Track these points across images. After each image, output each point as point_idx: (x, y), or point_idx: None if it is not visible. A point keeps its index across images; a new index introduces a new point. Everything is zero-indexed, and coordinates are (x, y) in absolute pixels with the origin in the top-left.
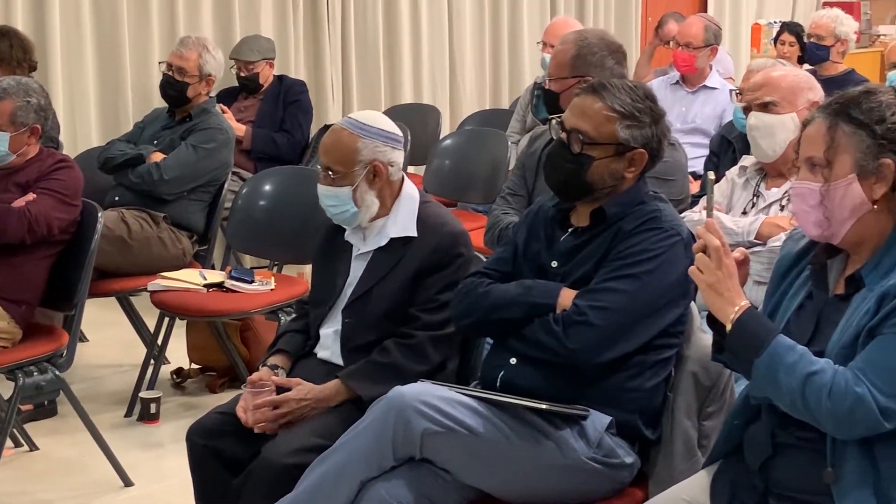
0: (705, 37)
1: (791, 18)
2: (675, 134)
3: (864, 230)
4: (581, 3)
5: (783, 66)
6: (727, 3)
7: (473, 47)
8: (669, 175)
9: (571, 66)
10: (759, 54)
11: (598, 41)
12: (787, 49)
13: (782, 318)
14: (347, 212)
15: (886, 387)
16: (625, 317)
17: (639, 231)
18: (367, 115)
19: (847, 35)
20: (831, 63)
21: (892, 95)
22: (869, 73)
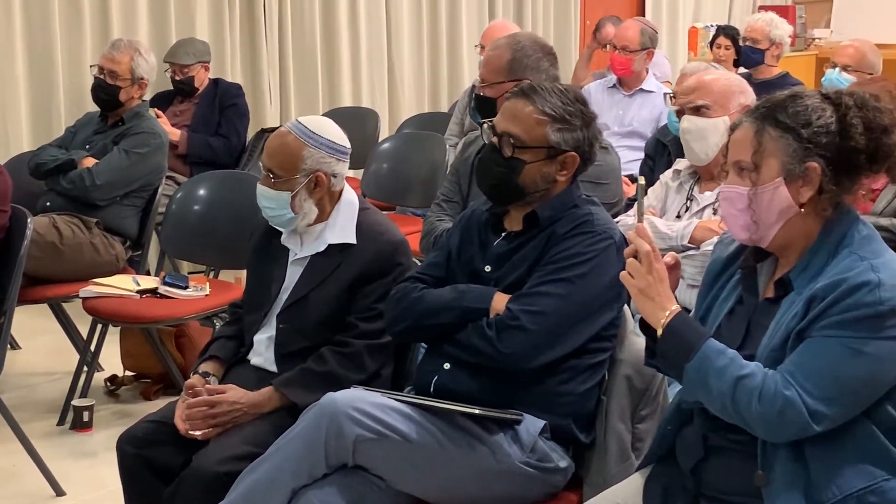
0: (641, 40)
1: (727, 22)
2: (611, 137)
3: (792, 233)
4: (520, 7)
5: (715, 70)
6: (664, 6)
7: (412, 50)
8: (603, 179)
9: (508, 70)
10: (697, 58)
11: (531, 44)
12: (722, 52)
13: (714, 323)
14: (283, 216)
15: (815, 389)
16: (558, 321)
17: (571, 235)
18: (318, 123)
19: (781, 38)
20: (766, 66)
21: (817, 99)
22: (804, 75)
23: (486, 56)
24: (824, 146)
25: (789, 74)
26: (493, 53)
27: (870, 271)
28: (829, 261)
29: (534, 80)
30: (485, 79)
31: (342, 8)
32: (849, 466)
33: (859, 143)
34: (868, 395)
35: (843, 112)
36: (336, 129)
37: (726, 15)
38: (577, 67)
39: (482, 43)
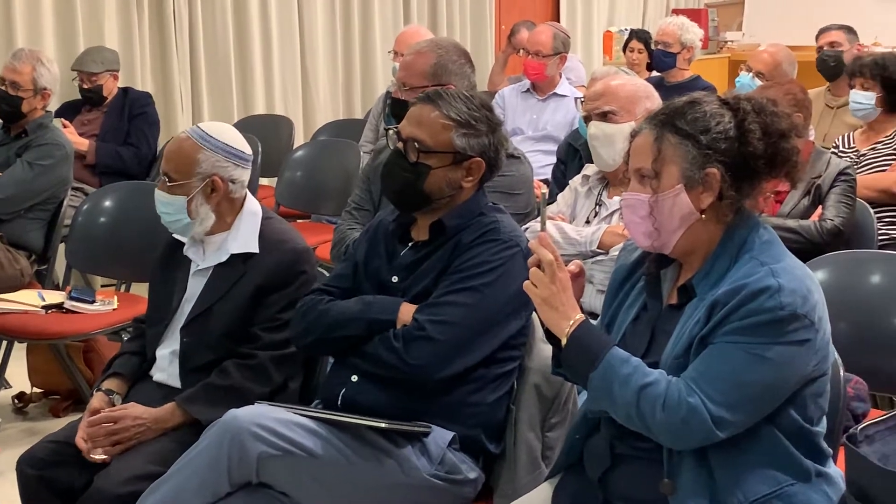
0: (554, 45)
1: (641, 26)
2: (525, 141)
3: (694, 240)
4: (434, 12)
5: (623, 76)
6: (579, 10)
7: (325, 56)
8: (515, 189)
9: (432, 75)
10: (612, 61)
11: (454, 48)
12: (635, 56)
13: (619, 330)
14: (180, 221)
15: (718, 396)
16: (465, 330)
17: (478, 243)
18: (216, 128)
19: (693, 42)
20: (678, 70)
21: (716, 105)
22: (718, 78)
23: (408, 60)
24: (723, 152)
25: (701, 78)
26: (416, 57)
27: (770, 276)
28: (730, 266)
29: (457, 85)
30: (406, 82)
31: (254, 14)
32: (753, 472)
33: (758, 149)
34: (770, 401)
35: (741, 118)
36: (236, 135)
37: (640, 19)
38: (493, 72)
39: (396, 49)
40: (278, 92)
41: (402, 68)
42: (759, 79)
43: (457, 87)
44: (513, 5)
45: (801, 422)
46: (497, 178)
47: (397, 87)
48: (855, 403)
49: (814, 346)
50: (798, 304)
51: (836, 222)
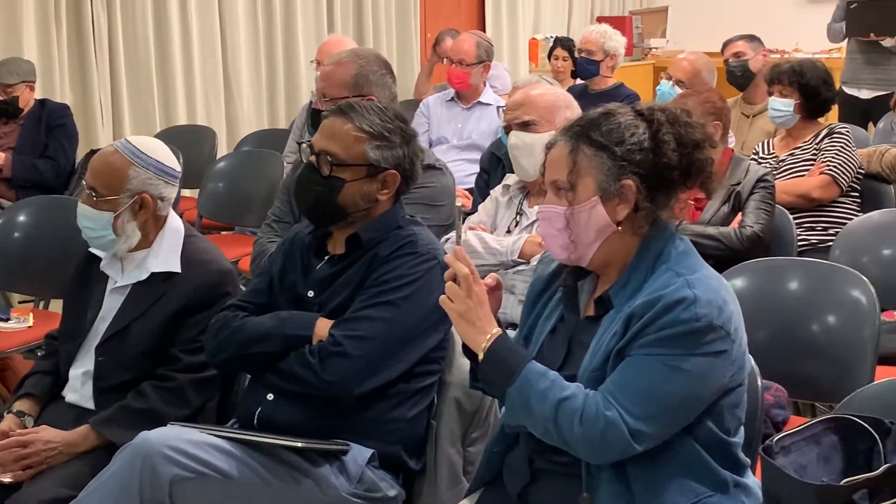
0: (477, 53)
1: (566, 33)
2: (450, 150)
3: (611, 252)
4: (359, 20)
5: (543, 85)
6: (504, 18)
7: (248, 66)
8: (437, 200)
9: (353, 86)
10: (538, 69)
11: (375, 59)
12: (560, 64)
13: (536, 343)
14: (104, 238)
15: (636, 409)
16: (383, 345)
17: (395, 257)
18: (147, 144)
19: (616, 50)
20: (602, 77)
21: (630, 116)
22: (643, 84)
23: (328, 70)
24: (638, 163)
25: (624, 85)
26: (336, 68)
27: (685, 287)
28: (647, 277)
29: (378, 95)
30: (326, 93)
31: (174, 24)
32: (672, 484)
33: (672, 160)
34: (688, 412)
35: (655, 128)
36: (167, 153)
37: (565, 26)
38: (419, 81)
39: (318, 58)
40: (200, 102)
41: (322, 79)
42: (679, 87)
43: (378, 98)
44: (438, 14)
45: (718, 433)
46: (418, 190)
47: (318, 98)
48: (775, 411)
49: (730, 356)
50: (714, 315)
51: (755, 229)
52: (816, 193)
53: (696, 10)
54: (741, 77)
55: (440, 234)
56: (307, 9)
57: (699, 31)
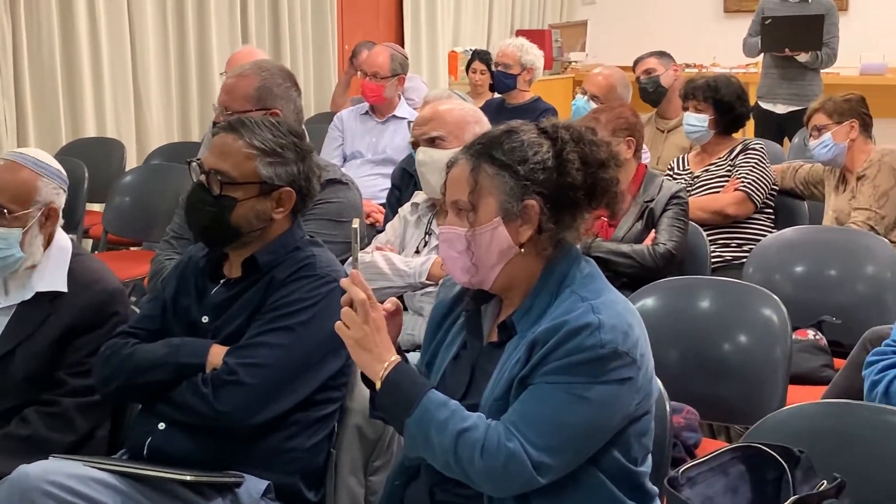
0: (392, 66)
1: (486, 46)
2: (365, 165)
3: (514, 275)
4: (276, 32)
5: (453, 100)
6: (423, 31)
7: (159, 76)
8: (343, 216)
9: (257, 99)
10: (457, 82)
11: (279, 71)
12: (478, 77)
13: (439, 370)
14: (11, 256)
15: (539, 440)
16: (279, 373)
17: (293, 280)
18: (39, 153)
19: (533, 63)
20: (519, 91)
21: (534, 134)
22: (562, 98)
23: (230, 83)
24: (542, 183)
25: (542, 99)
26: (238, 80)
27: (590, 313)
28: (551, 302)
29: (283, 109)
30: (228, 106)
31: (82, 30)
32: None
33: (576, 179)
34: (593, 443)
35: (559, 147)
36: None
37: (485, 39)
38: (335, 94)
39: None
40: (110, 114)
41: (224, 91)
42: (593, 101)
43: (283, 112)
44: (356, 26)
45: (624, 463)
46: (322, 206)
47: (219, 112)
48: (686, 434)
49: (636, 384)
50: (619, 341)
51: (668, 246)
52: (731, 210)
53: (615, 24)
54: (653, 93)
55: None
56: (221, 19)
57: (618, 44)
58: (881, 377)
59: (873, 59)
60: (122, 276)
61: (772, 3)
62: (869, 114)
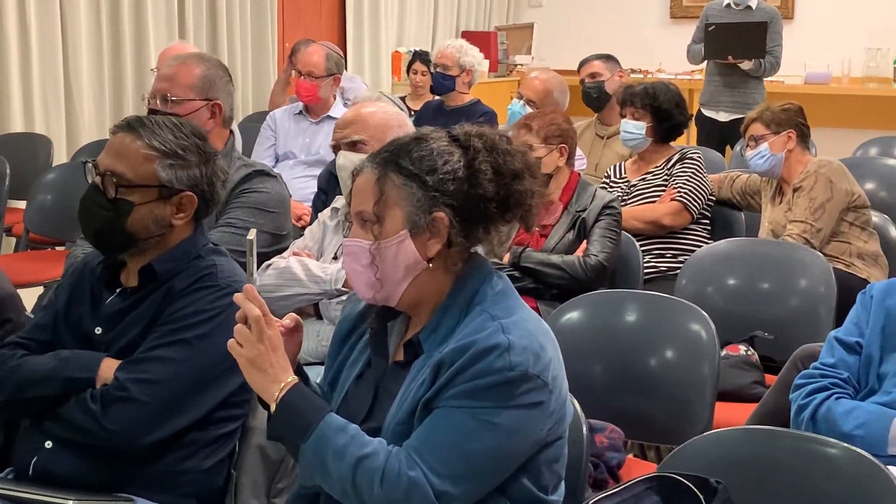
0: (327, 66)
1: (431, 47)
2: (298, 165)
3: (421, 291)
4: (214, 28)
5: (375, 103)
6: (367, 30)
7: (92, 71)
8: (271, 207)
9: (201, 88)
10: (400, 82)
11: (218, 63)
12: (419, 78)
13: (341, 389)
14: None
15: (442, 468)
16: (175, 389)
17: (192, 290)
18: None
19: (472, 65)
20: (458, 93)
21: (445, 142)
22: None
23: (171, 71)
24: (452, 194)
25: (481, 102)
26: (182, 67)
27: (500, 333)
28: (460, 320)
29: (224, 102)
30: (171, 93)
31: (10, 22)
32: None
33: (488, 191)
34: (501, 471)
35: (471, 156)
36: None
37: (430, 40)
38: (274, 93)
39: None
40: (39, 109)
41: (163, 79)
42: (530, 106)
43: (223, 106)
44: (297, 23)
45: (535, 491)
46: (251, 194)
47: (157, 100)
48: (610, 454)
49: (547, 408)
50: (530, 364)
51: (600, 258)
52: (667, 220)
53: (561, 28)
54: (597, 99)
55: (271, 241)
56: (158, 12)
57: (564, 48)
58: (808, 402)
59: (818, 68)
60: (43, 276)
61: (716, 9)
62: (807, 124)
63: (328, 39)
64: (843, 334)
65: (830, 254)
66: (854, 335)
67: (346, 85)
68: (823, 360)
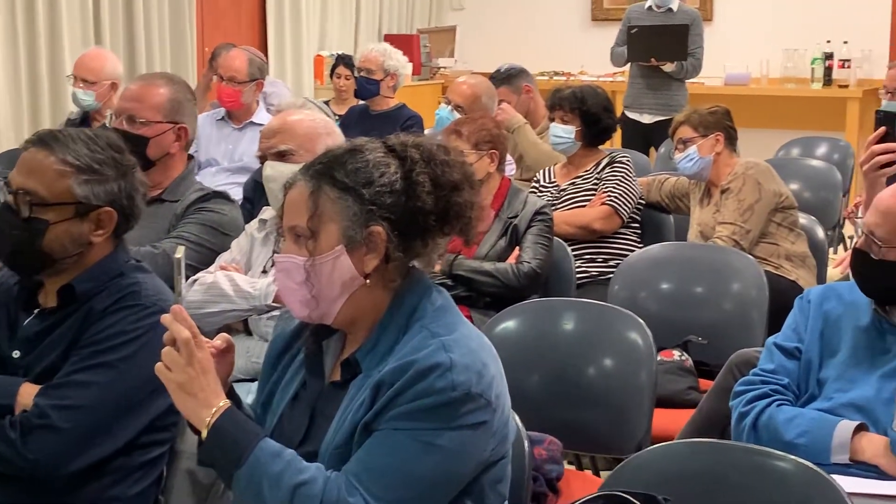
0: (249, 71)
1: (353, 51)
2: (221, 173)
3: (358, 308)
4: (130, 32)
5: (300, 111)
6: (288, 33)
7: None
8: (225, 229)
9: (169, 110)
10: (323, 86)
11: (185, 85)
12: (343, 83)
13: (276, 412)
14: None
15: (384, 493)
16: (98, 415)
17: (114, 310)
18: None
19: (396, 69)
20: (382, 98)
21: (381, 153)
22: (429, 106)
23: (136, 90)
24: (389, 207)
25: (406, 106)
26: (148, 87)
27: (441, 351)
28: (399, 337)
29: (189, 126)
30: (137, 115)
31: None
32: None
33: (427, 203)
34: (444, 494)
35: (408, 168)
36: None
37: (352, 43)
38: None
39: (76, 73)
40: None
41: (129, 99)
42: (458, 111)
43: (189, 129)
44: (216, 27)
45: None
46: (209, 213)
47: (122, 120)
48: (548, 466)
49: (490, 427)
50: (472, 383)
51: (533, 265)
52: (598, 225)
53: (483, 30)
54: None
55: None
56: (73, 18)
57: (487, 51)
58: (749, 409)
59: (737, 69)
60: None
61: (637, 12)
62: (734, 126)
63: (248, 43)
64: (781, 340)
65: (759, 255)
66: (793, 341)
67: (269, 90)
68: (763, 367)
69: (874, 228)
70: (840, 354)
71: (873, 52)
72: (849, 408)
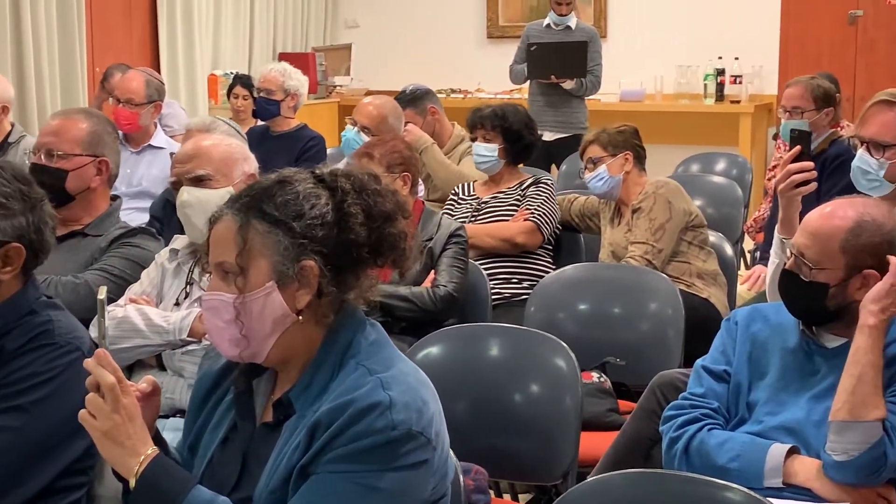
0: (147, 92)
1: (248, 69)
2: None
3: (291, 345)
4: (19, 52)
5: (214, 134)
6: (180, 53)
7: None
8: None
9: (89, 144)
10: (217, 105)
11: (105, 119)
12: (240, 103)
13: (205, 455)
14: None
15: None
16: (11, 460)
17: (26, 350)
18: None
19: (297, 89)
20: (283, 118)
21: (311, 184)
22: (327, 123)
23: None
24: (321, 240)
25: (308, 126)
26: (67, 122)
27: (380, 389)
28: (334, 375)
29: (111, 160)
30: (56, 149)
31: None
32: None
33: (360, 235)
34: None
35: (340, 199)
36: None
37: (246, 61)
38: None
39: None
40: None
41: (49, 133)
42: (364, 133)
43: (111, 162)
44: (107, 46)
45: None
46: (134, 248)
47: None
48: (476, 496)
49: (431, 466)
50: (413, 421)
51: (449, 288)
52: (521, 239)
53: (379, 48)
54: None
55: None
56: None
57: (384, 69)
58: (680, 434)
59: (632, 85)
60: None
61: (536, 30)
62: (642, 145)
63: (141, 63)
64: (710, 363)
65: (671, 274)
66: (721, 363)
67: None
68: (692, 390)
69: (804, 250)
70: (769, 377)
71: (763, 67)
72: (779, 430)
